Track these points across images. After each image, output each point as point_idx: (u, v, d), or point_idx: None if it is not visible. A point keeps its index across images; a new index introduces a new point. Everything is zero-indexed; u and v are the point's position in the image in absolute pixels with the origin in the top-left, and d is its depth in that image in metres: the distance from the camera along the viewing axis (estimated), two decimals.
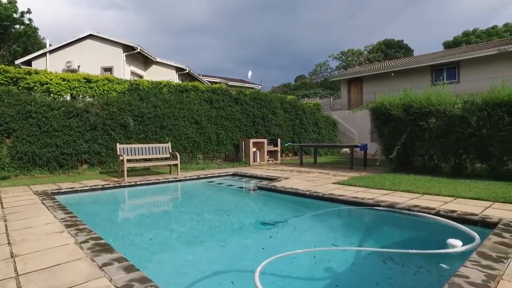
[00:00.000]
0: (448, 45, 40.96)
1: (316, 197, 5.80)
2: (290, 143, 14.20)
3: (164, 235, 4.29)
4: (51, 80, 10.17)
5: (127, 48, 17.60)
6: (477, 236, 3.45)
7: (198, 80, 23.21)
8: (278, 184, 7.02)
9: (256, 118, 13.83)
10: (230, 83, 28.89)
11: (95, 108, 10.03)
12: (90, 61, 17.10)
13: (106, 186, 7.11)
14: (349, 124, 18.96)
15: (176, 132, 11.34)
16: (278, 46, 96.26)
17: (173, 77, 19.85)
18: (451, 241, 3.29)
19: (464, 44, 36.26)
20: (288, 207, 6.04)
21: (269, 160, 13.08)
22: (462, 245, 3.24)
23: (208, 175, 9.07)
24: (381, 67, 23.29)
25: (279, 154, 13.35)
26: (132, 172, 9.54)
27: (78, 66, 16.68)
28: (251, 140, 12.38)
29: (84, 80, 10.68)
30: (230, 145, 12.80)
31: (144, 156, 9.11)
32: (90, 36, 17.55)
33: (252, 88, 30.37)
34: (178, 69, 20.52)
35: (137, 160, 9.57)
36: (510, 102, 7.17)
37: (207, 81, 25.91)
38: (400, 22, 76.33)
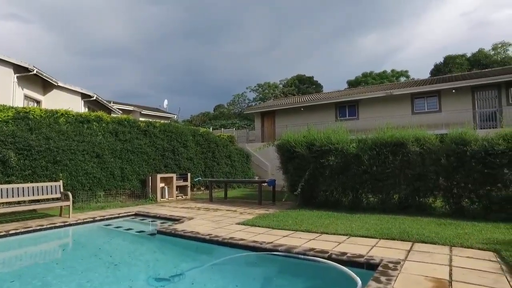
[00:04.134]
0: (351, 84, 45.95)
1: (216, 242, 5.54)
2: (199, 179, 13.86)
3: None
4: None
5: (20, 68, 15.58)
6: (359, 283, 3.56)
7: (108, 108, 21.69)
8: (179, 227, 6.60)
9: (166, 151, 13.25)
10: (144, 111, 27.66)
11: None
12: None
13: None
14: (263, 156, 19.45)
15: (72, 167, 10.14)
16: (198, 74, 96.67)
17: (78, 105, 18.16)
18: None
19: (363, 84, 41.10)
20: (188, 255, 5.66)
21: (178, 196, 12.50)
22: None
23: (106, 217, 8.17)
24: (292, 102, 24.82)
25: (189, 189, 12.88)
26: (12, 216, 8.11)
27: None
28: (159, 175, 11.73)
29: None
30: (136, 181, 11.93)
31: (28, 198, 7.86)
32: None
33: (168, 117, 29.57)
34: (84, 96, 18.88)
35: (17, 203, 8.19)
36: (393, 143, 8.08)
37: (119, 109, 24.40)
38: (312, 59, 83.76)
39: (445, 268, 3.95)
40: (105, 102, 21.07)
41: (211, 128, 28.02)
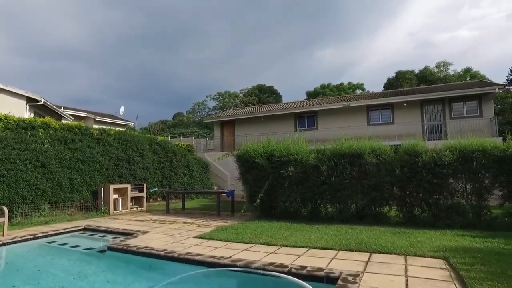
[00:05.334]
0: (310, 95, 47.13)
1: (172, 258, 5.24)
2: (155, 189, 13.29)
3: None
4: None
5: None
6: None
7: (58, 114, 20.29)
8: (132, 242, 6.19)
9: (121, 160, 12.58)
10: (99, 118, 26.30)
11: None
12: None
13: None
14: (222, 166, 19.21)
15: (11, 178, 9.21)
16: (157, 81, 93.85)
17: (23, 110, 16.73)
18: None
19: (321, 95, 42.38)
20: (141, 274, 5.28)
21: (133, 208, 11.87)
22: None
23: (50, 233, 7.48)
24: (252, 111, 24.88)
25: (144, 200, 12.29)
26: None
27: None
28: (112, 186, 11.08)
29: None
30: (87, 192, 11.15)
31: None
32: None
33: (125, 125, 28.36)
34: (30, 100, 17.46)
35: None
36: (351, 154, 8.26)
37: (71, 115, 22.95)
38: (273, 70, 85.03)
39: (401, 279, 4.00)
40: (54, 107, 19.70)
41: (169, 137, 27.28)
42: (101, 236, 7.67)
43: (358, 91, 45.34)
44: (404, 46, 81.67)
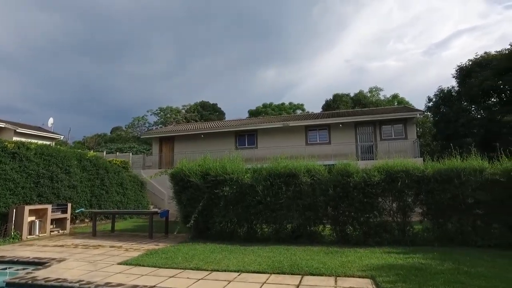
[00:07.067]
0: (252, 113, 47.73)
1: None
2: (82, 210, 12.12)
3: None
4: None
5: None
6: None
7: None
8: (41, 274, 5.42)
9: (42, 178, 11.28)
10: (21, 130, 23.63)
11: None
12: None
13: None
14: (160, 184, 18.32)
15: None
16: (95, 93, 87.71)
17: None
18: None
19: (263, 114, 43.20)
20: None
21: (53, 231, 10.63)
22: None
23: None
24: (192, 128, 24.41)
25: (68, 222, 11.11)
26: None
27: None
28: (28, 207, 9.81)
29: None
30: None
31: None
32: None
33: (54, 138, 25.97)
34: None
35: None
36: (286, 174, 8.32)
37: None
38: (217, 87, 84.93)
39: None
40: None
41: (105, 152, 25.52)
42: (3, 269, 6.57)
43: (299, 111, 47.08)
44: (341, 71, 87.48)
